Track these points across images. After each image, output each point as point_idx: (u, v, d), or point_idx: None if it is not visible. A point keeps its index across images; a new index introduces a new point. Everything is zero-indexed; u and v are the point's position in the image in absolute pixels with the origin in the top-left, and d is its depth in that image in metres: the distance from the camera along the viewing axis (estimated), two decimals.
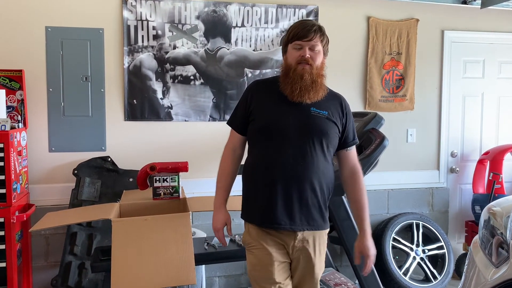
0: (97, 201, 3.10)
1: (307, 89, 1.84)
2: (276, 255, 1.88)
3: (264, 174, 1.86)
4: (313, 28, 1.89)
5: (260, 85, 2.00)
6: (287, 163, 1.83)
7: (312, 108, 1.88)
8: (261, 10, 3.50)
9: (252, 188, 1.92)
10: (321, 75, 1.89)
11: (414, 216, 3.79)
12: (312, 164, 1.84)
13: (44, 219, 2.50)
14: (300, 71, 1.84)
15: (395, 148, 3.78)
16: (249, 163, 1.94)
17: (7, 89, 3.01)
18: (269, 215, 1.86)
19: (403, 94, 3.87)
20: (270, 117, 1.87)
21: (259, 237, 1.89)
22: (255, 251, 1.91)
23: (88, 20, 3.20)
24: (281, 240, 1.89)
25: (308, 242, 1.89)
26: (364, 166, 2.44)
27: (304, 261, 1.92)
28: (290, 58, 1.90)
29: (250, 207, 1.94)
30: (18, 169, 2.82)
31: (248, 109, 1.93)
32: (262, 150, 1.88)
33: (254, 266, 1.92)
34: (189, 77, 3.41)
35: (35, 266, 3.15)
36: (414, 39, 3.83)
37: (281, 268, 1.89)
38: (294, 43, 1.89)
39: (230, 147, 2.02)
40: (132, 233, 2.25)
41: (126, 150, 3.30)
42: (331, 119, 1.90)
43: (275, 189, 1.84)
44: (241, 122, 1.97)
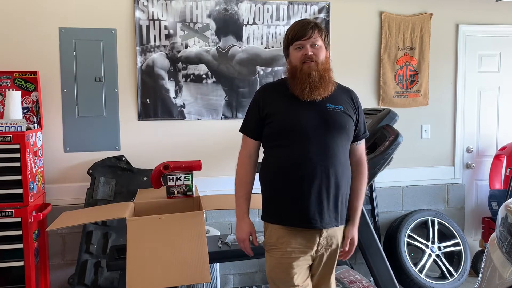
0: (112, 200, 3.13)
1: (316, 86, 1.84)
2: (298, 257, 1.87)
3: (289, 173, 1.85)
4: (310, 25, 1.89)
5: (269, 89, 2.00)
6: (312, 161, 1.82)
7: (328, 104, 1.88)
8: (273, 7, 3.48)
9: (277, 189, 1.90)
10: (327, 70, 1.89)
11: (429, 212, 3.75)
12: (335, 159, 1.85)
13: (60, 219, 2.53)
14: (306, 70, 1.85)
15: (410, 144, 3.74)
16: (270, 164, 1.93)
17: (22, 90, 3.05)
18: (298, 214, 1.85)
19: (417, 90, 3.82)
20: (289, 117, 1.87)
21: (283, 239, 1.87)
22: (276, 253, 1.89)
23: (100, 20, 3.22)
24: (306, 239, 1.87)
25: (332, 239, 1.90)
26: (379, 163, 2.42)
27: (327, 258, 1.93)
28: (294, 60, 1.91)
29: (274, 207, 1.92)
30: (35, 169, 2.86)
31: (263, 112, 1.92)
32: (284, 151, 1.87)
33: (273, 268, 1.91)
34: (201, 75, 3.41)
35: (52, 265, 3.19)
36: (428, 33, 3.78)
37: (302, 270, 1.89)
38: (294, 44, 1.90)
39: (245, 154, 2.00)
40: (146, 232, 2.26)
41: (140, 149, 3.32)
42: (347, 113, 1.91)
43: (302, 187, 1.83)
44: (255, 127, 1.96)
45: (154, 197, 2.75)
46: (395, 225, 3.66)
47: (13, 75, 3.06)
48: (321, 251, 1.91)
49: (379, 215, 3.64)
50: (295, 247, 1.87)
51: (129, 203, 2.60)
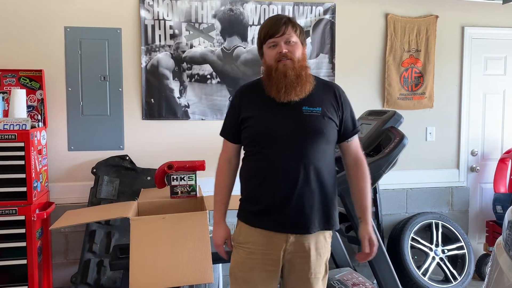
0: (115, 200, 3.13)
1: (292, 85, 1.74)
2: (263, 260, 1.82)
3: (264, 179, 1.79)
4: (283, 21, 1.79)
5: (245, 92, 1.93)
6: (285, 168, 1.75)
7: (304, 107, 1.78)
8: (278, 8, 3.48)
9: (252, 192, 1.86)
10: (304, 67, 1.79)
11: (433, 215, 3.73)
12: (311, 165, 1.76)
13: (63, 217, 2.53)
14: (282, 69, 1.75)
15: (414, 147, 3.72)
16: (246, 168, 1.88)
17: (27, 88, 3.06)
18: (266, 217, 1.80)
19: (422, 92, 3.81)
20: (263, 122, 1.79)
21: (249, 238, 1.83)
22: (241, 252, 1.86)
23: (106, 20, 3.23)
24: (272, 243, 1.81)
25: (302, 244, 1.80)
26: (383, 165, 2.41)
27: (297, 264, 1.83)
28: (268, 59, 1.82)
29: (246, 208, 1.88)
30: (38, 168, 2.86)
31: (239, 117, 1.86)
32: (259, 156, 1.81)
33: (237, 265, 1.87)
34: (206, 76, 3.41)
35: (55, 263, 3.19)
36: (433, 36, 3.77)
37: (265, 275, 1.83)
38: (268, 42, 1.80)
39: (225, 159, 1.95)
40: (150, 231, 2.26)
41: (144, 148, 3.32)
42: (326, 115, 1.80)
43: (272, 193, 1.77)
44: (234, 131, 1.90)
45: (157, 197, 2.75)
46: (399, 227, 3.64)
47: (19, 74, 3.07)
48: (288, 256, 1.81)
49: (383, 218, 3.63)
50: (260, 249, 1.81)
51: (132, 203, 2.61)
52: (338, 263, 3.21)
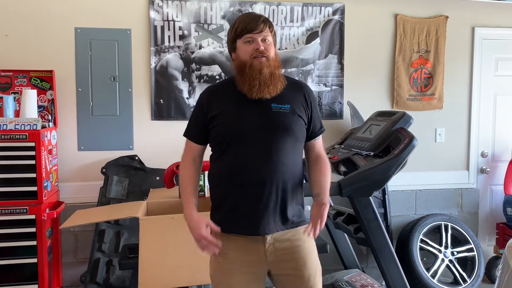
0: (124, 199, 3.14)
1: (266, 83, 1.72)
2: (241, 264, 1.78)
3: (230, 179, 1.75)
4: (261, 19, 1.78)
5: (213, 92, 1.89)
6: (253, 165, 1.72)
7: (272, 104, 1.76)
8: (287, 8, 3.48)
9: (220, 194, 1.82)
10: (277, 67, 1.78)
11: (442, 217, 3.70)
12: (279, 163, 1.73)
13: (73, 217, 2.55)
14: (257, 65, 1.73)
15: (423, 148, 3.70)
16: (215, 170, 1.84)
17: (38, 89, 3.09)
18: (239, 221, 1.76)
19: (431, 93, 3.79)
20: (231, 121, 1.76)
21: (224, 243, 1.77)
22: (219, 257, 1.81)
23: (115, 21, 3.25)
24: (249, 247, 1.77)
25: (282, 241, 1.78)
26: (393, 167, 2.39)
27: (283, 263, 1.79)
28: (242, 54, 1.77)
29: (217, 213, 1.83)
30: (49, 167, 2.89)
31: (206, 117, 1.81)
32: (227, 155, 1.78)
33: (215, 272, 1.84)
34: (215, 76, 3.42)
35: (64, 262, 3.22)
36: (443, 36, 3.75)
37: (246, 277, 1.79)
38: (244, 37, 1.76)
39: (189, 160, 1.88)
40: (159, 231, 2.27)
41: (153, 149, 3.34)
42: (294, 112, 1.79)
43: (242, 193, 1.74)
44: (199, 132, 1.86)
45: (166, 197, 2.76)
46: (408, 229, 3.62)
47: (29, 74, 3.10)
48: (271, 257, 1.77)
49: (392, 219, 3.61)
50: (238, 254, 1.78)
51: (141, 203, 2.62)
52: (346, 264, 3.20)
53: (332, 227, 3.13)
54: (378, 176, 2.41)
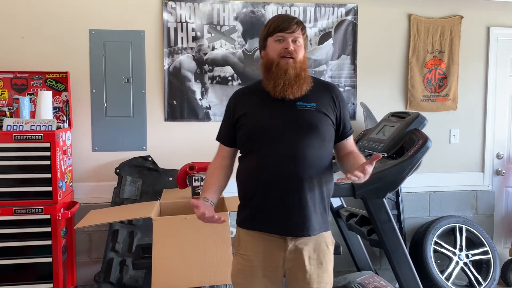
0: (138, 200, 3.17)
1: (290, 83, 1.72)
2: (263, 267, 1.78)
3: (255, 178, 1.76)
4: (295, 21, 1.78)
5: (240, 93, 1.91)
6: (278, 164, 1.72)
7: (298, 102, 1.76)
8: (299, 9, 3.48)
9: (245, 193, 1.83)
10: (304, 69, 1.78)
11: (457, 219, 3.66)
12: (305, 162, 1.71)
13: (87, 217, 2.58)
14: (283, 65, 1.73)
15: (438, 149, 3.66)
16: (241, 169, 1.85)
17: (53, 90, 3.13)
18: (257, 218, 1.77)
19: (446, 94, 3.75)
20: (256, 120, 1.77)
21: (247, 244, 1.79)
22: (240, 258, 1.83)
23: (129, 23, 3.28)
24: (270, 251, 1.76)
25: (301, 252, 1.75)
26: (406, 168, 2.37)
27: (299, 272, 1.77)
28: (271, 52, 1.78)
29: (243, 210, 1.85)
30: (64, 168, 2.92)
31: (233, 118, 1.83)
32: (252, 155, 1.79)
33: (236, 272, 1.85)
34: (227, 77, 3.43)
35: (78, 262, 3.25)
36: (457, 36, 3.71)
37: (267, 281, 1.79)
38: (276, 35, 1.77)
39: (218, 157, 1.92)
40: (172, 232, 2.28)
41: (166, 149, 3.36)
42: (320, 110, 1.77)
43: (266, 192, 1.73)
44: (228, 134, 1.88)
45: (179, 197, 2.77)
46: (422, 231, 3.59)
47: (45, 76, 3.14)
48: (288, 264, 1.76)
49: (405, 221, 3.58)
50: (258, 256, 1.78)
51: (155, 203, 2.63)
52: (359, 266, 3.19)
53: (345, 229, 3.12)
54: (392, 177, 2.40)
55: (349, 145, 1.89)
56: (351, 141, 1.91)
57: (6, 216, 2.73)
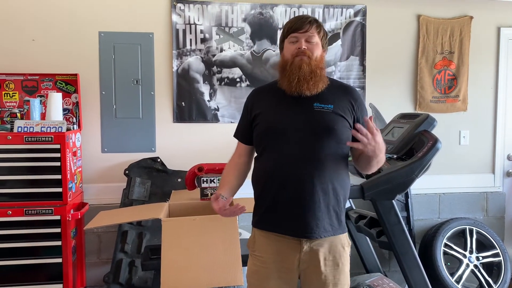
0: (147, 201, 3.18)
1: (305, 78, 1.71)
2: (277, 269, 1.78)
3: (269, 178, 1.76)
4: (308, 20, 1.78)
5: (258, 92, 1.92)
6: (292, 165, 1.71)
7: (315, 103, 1.74)
8: (308, 10, 3.47)
9: (260, 193, 1.83)
10: (320, 68, 1.76)
11: (467, 221, 3.63)
12: (320, 163, 1.70)
13: (97, 218, 2.59)
14: (297, 62, 1.73)
15: (447, 151, 3.64)
16: (256, 169, 1.86)
17: (63, 92, 3.15)
18: (271, 219, 1.77)
19: (455, 95, 3.72)
20: (271, 120, 1.77)
21: (262, 245, 1.80)
22: (255, 260, 1.83)
23: (138, 25, 3.30)
24: (285, 253, 1.76)
25: (316, 253, 1.75)
26: (416, 169, 2.36)
27: (314, 274, 1.76)
28: (286, 53, 1.79)
29: (257, 212, 1.85)
30: (73, 169, 2.94)
31: (250, 116, 1.85)
32: (267, 155, 1.79)
33: (252, 273, 1.85)
34: (235, 79, 3.44)
35: (88, 263, 3.27)
36: (467, 37, 3.68)
37: (281, 283, 1.78)
38: (290, 36, 1.78)
39: (236, 155, 1.95)
40: (181, 233, 2.29)
41: (174, 151, 3.37)
42: (337, 112, 1.75)
43: (280, 193, 1.73)
44: (245, 132, 1.90)
45: (188, 199, 2.78)
46: (431, 233, 3.56)
47: (55, 78, 3.17)
48: (303, 265, 1.76)
49: (415, 223, 3.56)
50: (273, 257, 1.78)
51: (164, 204, 2.64)
52: (368, 268, 3.17)
53: (354, 231, 3.10)
54: (401, 179, 2.39)
55: None
56: None
57: (17, 217, 2.76)
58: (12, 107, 3.11)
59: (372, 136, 1.61)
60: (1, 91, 3.12)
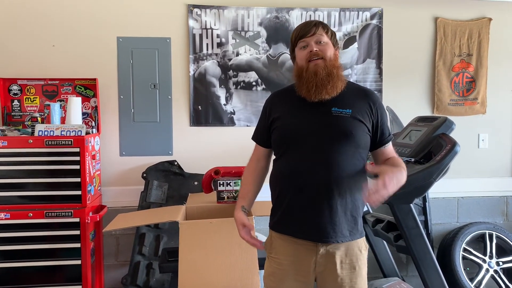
0: (164, 204, 3.21)
1: (323, 84, 1.70)
2: (294, 271, 1.78)
3: (287, 182, 1.76)
4: (313, 23, 1.78)
5: (277, 96, 1.93)
6: (309, 170, 1.71)
7: (333, 108, 1.73)
8: (324, 14, 3.47)
9: (277, 197, 1.83)
10: (336, 67, 1.75)
11: (486, 225, 3.57)
12: (338, 169, 1.69)
13: (115, 220, 2.62)
14: (313, 68, 1.72)
15: (466, 154, 3.59)
16: (274, 172, 1.86)
17: (82, 96, 3.21)
18: (288, 223, 1.77)
19: (474, 97, 3.68)
20: (289, 123, 1.78)
21: (279, 247, 1.81)
22: (272, 261, 1.84)
23: (156, 30, 3.34)
24: (302, 255, 1.76)
25: (333, 256, 1.74)
26: (434, 173, 2.33)
27: (330, 277, 1.76)
28: (299, 60, 1.79)
29: (274, 215, 1.86)
30: (92, 172, 2.98)
31: (269, 120, 1.85)
32: (284, 159, 1.79)
33: (268, 275, 1.85)
34: (251, 83, 3.45)
35: (106, 265, 3.31)
36: (486, 39, 3.64)
37: (298, 286, 1.78)
38: (299, 43, 1.79)
39: (254, 159, 1.97)
40: (198, 236, 2.30)
41: (191, 154, 3.40)
42: (356, 117, 1.73)
43: (297, 197, 1.73)
44: (263, 135, 1.91)
45: (204, 202, 2.80)
46: (450, 237, 3.52)
47: (74, 82, 3.23)
48: (320, 268, 1.75)
49: (433, 227, 3.52)
50: (289, 259, 1.78)
51: (181, 207, 2.66)
52: (385, 273, 3.14)
53: (371, 235, 3.08)
54: (419, 182, 2.36)
55: (388, 151, 1.86)
56: (390, 147, 1.87)
57: (38, 219, 2.81)
58: (33, 111, 3.17)
59: (384, 188, 1.54)
60: (23, 95, 3.19)
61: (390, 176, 1.58)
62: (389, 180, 1.56)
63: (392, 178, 1.58)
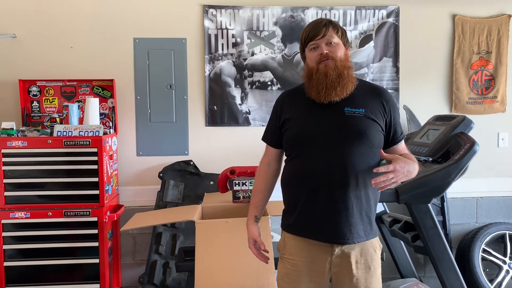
0: (180, 203, 3.23)
1: (333, 85, 1.68)
2: (308, 272, 1.77)
3: (300, 183, 1.74)
4: (323, 23, 1.75)
5: (288, 96, 1.90)
6: (323, 170, 1.69)
7: (346, 108, 1.72)
8: (339, 13, 3.45)
9: (290, 198, 1.82)
10: (347, 67, 1.73)
11: (506, 226, 3.51)
12: (353, 170, 1.68)
13: (133, 220, 2.65)
14: (323, 69, 1.70)
15: (485, 153, 3.52)
16: (286, 173, 1.84)
17: (100, 97, 3.25)
18: (302, 224, 1.76)
19: (493, 96, 3.61)
20: (302, 124, 1.75)
21: (293, 249, 1.79)
22: (286, 262, 1.82)
23: (172, 30, 3.36)
24: (317, 256, 1.75)
25: (348, 257, 1.73)
26: (453, 173, 2.31)
27: (345, 277, 1.74)
28: (310, 62, 1.78)
29: (287, 216, 1.84)
30: (110, 172, 3.02)
31: (280, 121, 1.83)
32: (297, 160, 1.77)
33: (282, 276, 1.84)
34: (267, 82, 3.45)
35: (123, 264, 3.35)
36: (505, 36, 3.57)
37: (312, 286, 1.77)
38: (309, 45, 1.77)
39: (265, 163, 1.94)
40: (214, 235, 2.31)
41: (207, 154, 3.41)
42: (369, 116, 1.72)
43: (311, 198, 1.72)
44: (274, 135, 1.89)
45: (220, 201, 2.81)
46: (469, 238, 3.46)
47: (92, 83, 3.27)
48: (335, 269, 1.74)
49: (451, 227, 3.47)
50: (304, 261, 1.77)
51: (197, 206, 2.68)
52: (403, 273, 3.11)
53: (388, 235, 3.06)
54: (437, 182, 2.34)
55: (400, 149, 1.84)
56: (402, 145, 1.86)
57: (57, 218, 2.85)
58: (52, 112, 3.22)
59: (393, 173, 1.57)
60: (42, 97, 3.25)
61: (402, 164, 1.59)
62: (400, 167, 1.58)
63: (403, 166, 1.59)
